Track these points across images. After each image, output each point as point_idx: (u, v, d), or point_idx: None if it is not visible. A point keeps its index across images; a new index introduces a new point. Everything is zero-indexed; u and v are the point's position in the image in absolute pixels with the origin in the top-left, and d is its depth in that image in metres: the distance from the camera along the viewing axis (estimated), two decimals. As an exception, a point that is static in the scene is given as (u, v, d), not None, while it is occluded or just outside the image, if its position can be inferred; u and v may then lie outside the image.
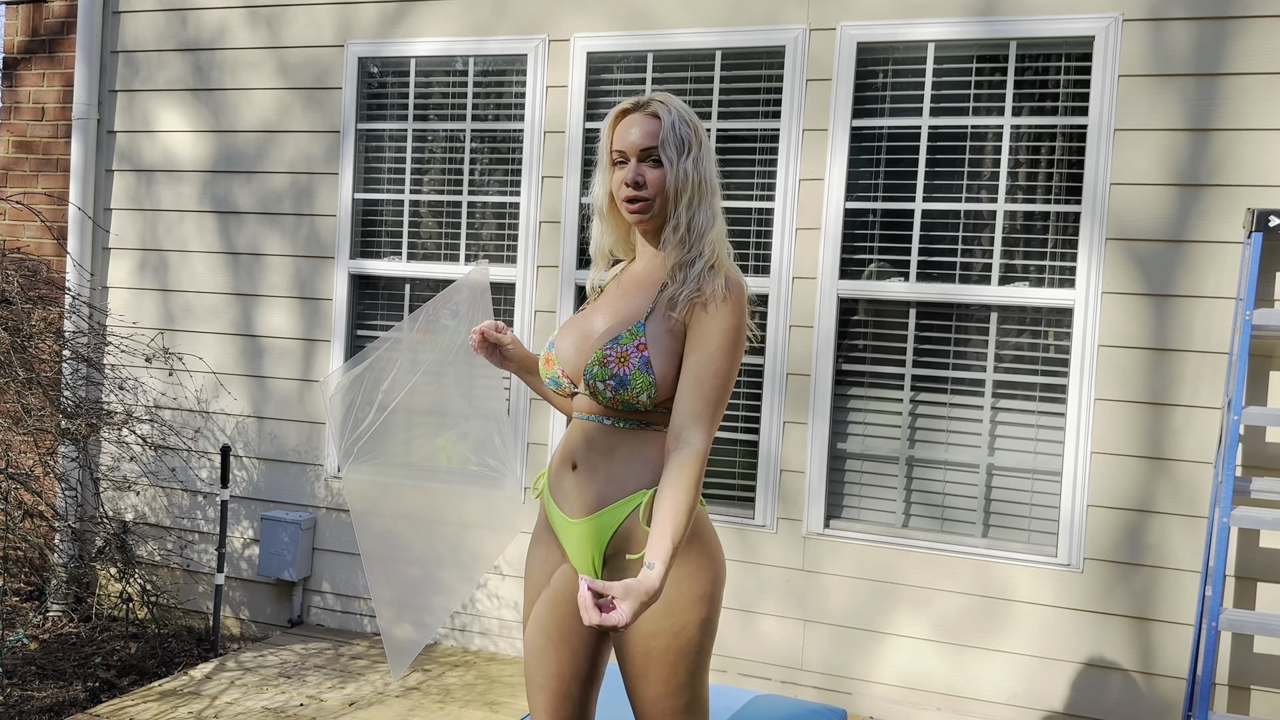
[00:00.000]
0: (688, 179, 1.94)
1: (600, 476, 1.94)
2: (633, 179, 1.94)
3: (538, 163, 4.07)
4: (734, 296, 1.92)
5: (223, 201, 4.54)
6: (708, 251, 1.95)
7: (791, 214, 3.75)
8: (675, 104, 1.97)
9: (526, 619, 2.08)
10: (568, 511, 1.97)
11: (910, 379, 3.68)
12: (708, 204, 1.97)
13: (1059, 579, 3.50)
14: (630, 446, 1.94)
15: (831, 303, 3.71)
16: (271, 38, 4.44)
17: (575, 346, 2.00)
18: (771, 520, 3.79)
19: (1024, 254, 3.58)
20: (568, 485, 1.97)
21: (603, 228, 2.07)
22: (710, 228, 1.96)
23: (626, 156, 1.96)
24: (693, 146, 1.95)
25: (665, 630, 1.89)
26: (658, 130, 1.94)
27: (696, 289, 1.91)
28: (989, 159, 3.62)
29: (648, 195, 1.95)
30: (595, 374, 1.90)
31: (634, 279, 2.05)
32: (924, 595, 3.63)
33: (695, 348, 1.90)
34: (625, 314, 1.98)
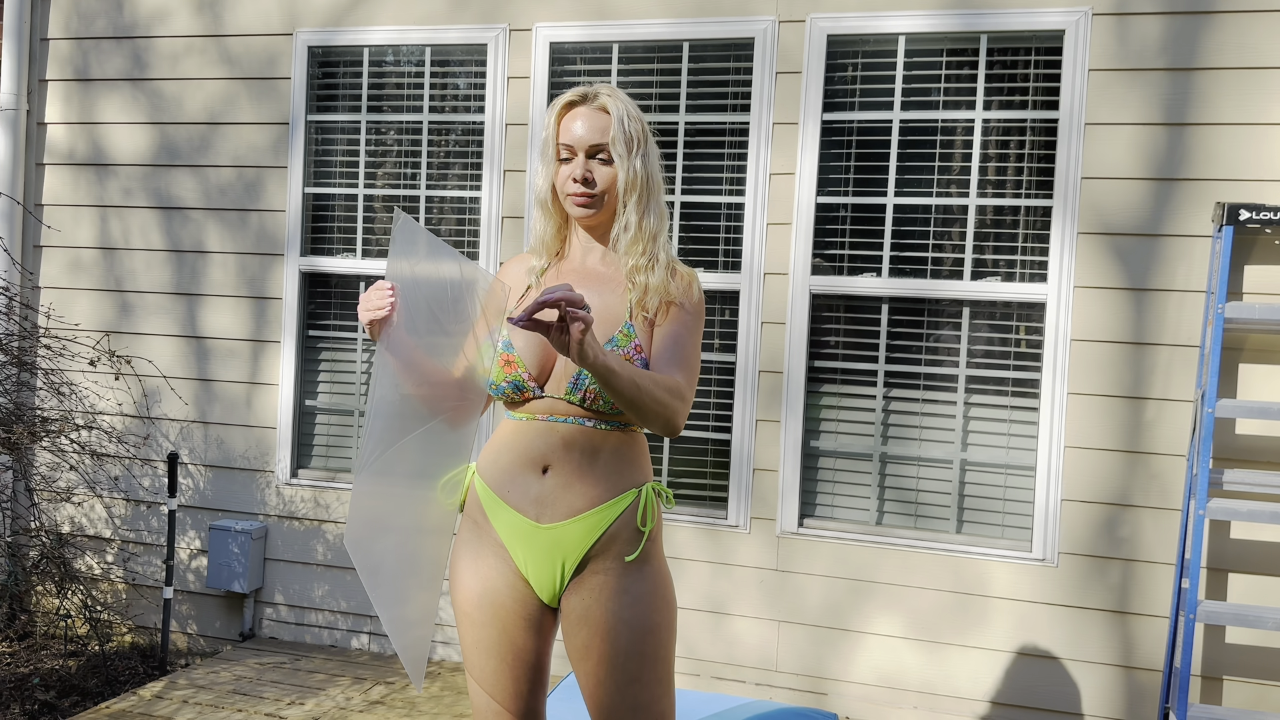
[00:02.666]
0: (637, 177, 1.91)
1: (587, 478, 1.86)
2: (582, 176, 1.90)
3: (499, 156, 3.95)
4: (700, 298, 1.97)
5: (164, 196, 4.34)
6: (662, 255, 1.94)
7: (762, 209, 3.69)
8: (622, 97, 1.94)
9: (468, 646, 1.95)
10: (536, 517, 1.87)
11: (883, 375, 3.65)
12: (655, 201, 1.95)
13: (1034, 574, 3.49)
14: (615, 448, 1.89)
15: (804, 299, 3.65)
16: (215, 24, 4.24)
17: (539, 344, 1.90)
18: (744, 520, 3.73)
19: (996, 248, 3.57)
20: (537, 490, 1.87)
21: (544, 219, 2.01)
22: (661, 228, 1.95)
23: (574, 151, 1.91)
24: (640, 143, 1.92)
25: (660, 626, 1.86)
26: (607, 126, 1.90)
27: (664, 290, 1.91)
28: (960, 153, 3.60)
29: (596, 192, 1.91)
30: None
31: (585, 272, 1.98)
32: (899, 593, 3.60)
33: (670, 325, 1.90)
34: (600, 312, 1.90)
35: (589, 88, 1.94)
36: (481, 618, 1.92)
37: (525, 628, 1.92)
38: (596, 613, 1.85)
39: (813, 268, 3.66)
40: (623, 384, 1.72)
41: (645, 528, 1.86)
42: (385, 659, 4.06)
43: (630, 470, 1.89)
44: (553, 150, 1.95)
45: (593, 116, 1.91)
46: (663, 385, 1.79)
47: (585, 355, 1.65)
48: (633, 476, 1.90)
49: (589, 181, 1.90)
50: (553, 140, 1.95)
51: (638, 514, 1.87)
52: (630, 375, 1.73)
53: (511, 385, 1.90)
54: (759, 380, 3.71)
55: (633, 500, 1.87)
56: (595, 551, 1.86)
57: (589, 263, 1.99)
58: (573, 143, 1.91)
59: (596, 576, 1.86)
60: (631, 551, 1.86)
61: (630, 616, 1.84)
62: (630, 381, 1.73)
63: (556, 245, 2.03)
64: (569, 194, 1.92)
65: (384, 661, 4.03)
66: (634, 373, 1.74)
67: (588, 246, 2.00)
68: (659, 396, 1.77)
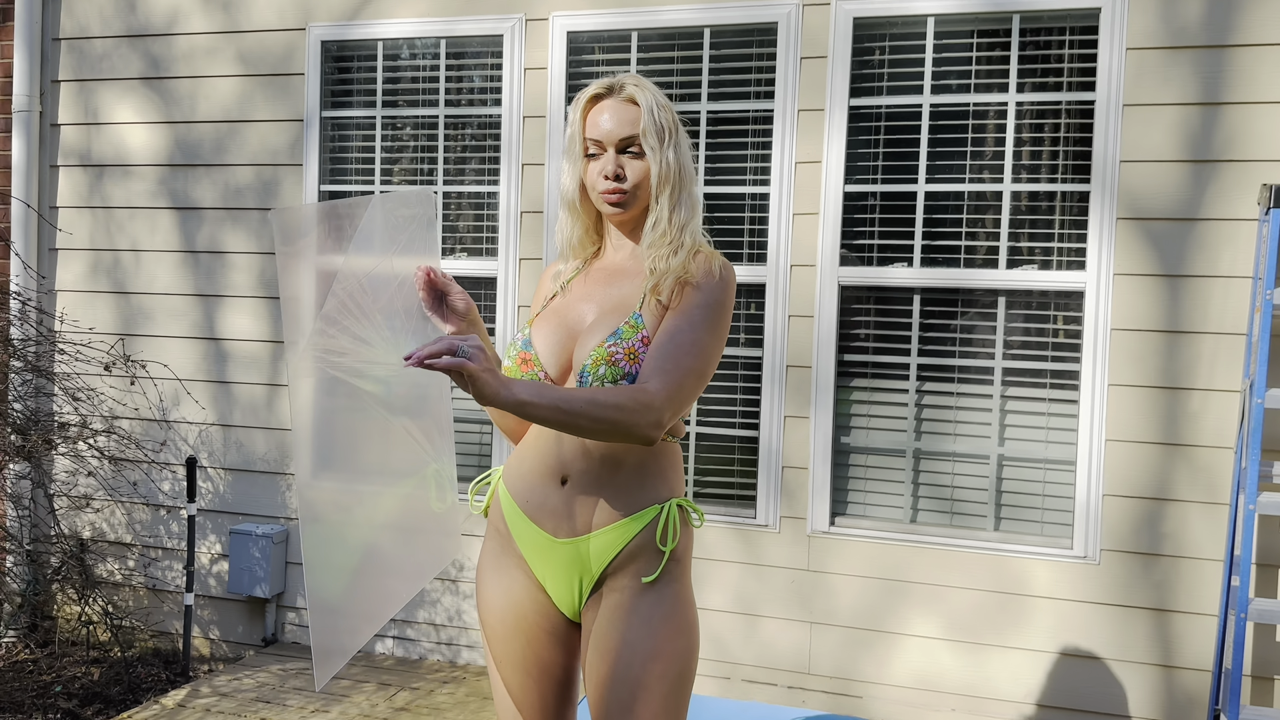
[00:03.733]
0: (669, 169, 1.80)
1: (606, 491, 1.76)
2: (614, 172, 1.79)
3: (517, 149, 3.86)
4: (724, 276, 1.80)
5: (181, 197, 4.28)
6: (689, 241, 1.82)
7: (788, 198, 3.58)
8: (649, 87, 1.83)
9: (494, 660, 1.88)
10: (553, 530, 1.78)
11: (916, 368, 3.54)
12: (688, 194, 1.84)
13: (1075, 572, 3.38)
14: (640, 457, 1.77)
15: (832, 291, 3.55)
16: (228, 21, 4.18)
17: (559, 344, 1.81)
18: (774, 519, 3.63)
19: (1032, 236, 3.45)
20: (554, 502, 1.78)
21: (571, 220, 1.90)
22: (691, 219, 1.84)
23: (603, 147, 1.81)
24: (671, 133, 1.81)
25: (668, 653, 1.73)
26: (637, 118, 1.79)
27: (682, 269, 1.78)
28: (993, 138, 3.48)
29: (627, 187, 1.80)
30: (603, 374, 1.71)
31: (611, 268, 1.88)
32: (935, 593, 3.49)
33: (674, 315, 1.76)
34: (615, 303, 1.81)
35: (614, 79, 1.84)
36: (506, 632, 1.84)
37: (550, 642, 1.83)
38: (606, 633, 1.75)
39: (841, 259, 3.55)
40: (544, 412, 1.59)
41: (665, 547, 1.75)
42: (410, 663, 4.00)
43: (655, 483, 1.78)
44: (580, 146, 1.84)
45: (621, 109, 1.81)
46: (609, 401, 1.62)
47: (485, 397, 1.53)
48: (656, 490, 1.78)
49: (621, 177, 1.80)
50: (579, 136, 1.84)
51: (658, 530, 1.75)
52: (553, 401, 1.59)
53: None
54: (787, 375, 3.61)
55: (654, 516, 1.76)
56: (613, 569, 1.76)
57: (617, 259, 1.89)
58: (601, 137, 1.81)
59: (612, 595, 1.76)
60: (650, 570, 1.75)
61: (636, 640, 1.72)
62: (552, 408, 1.59)
63: (589, 245, 1.93)
64: (600, 191, 1.82)
65: (408, 666, 3.96)
66: (560, 398, 1.60)
67: (618, 244, 1.90)
68: (602, 414, 1.61)
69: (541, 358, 1.80)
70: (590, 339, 1.77)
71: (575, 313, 1.84)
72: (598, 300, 1.84)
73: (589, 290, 1.86)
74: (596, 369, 1.72)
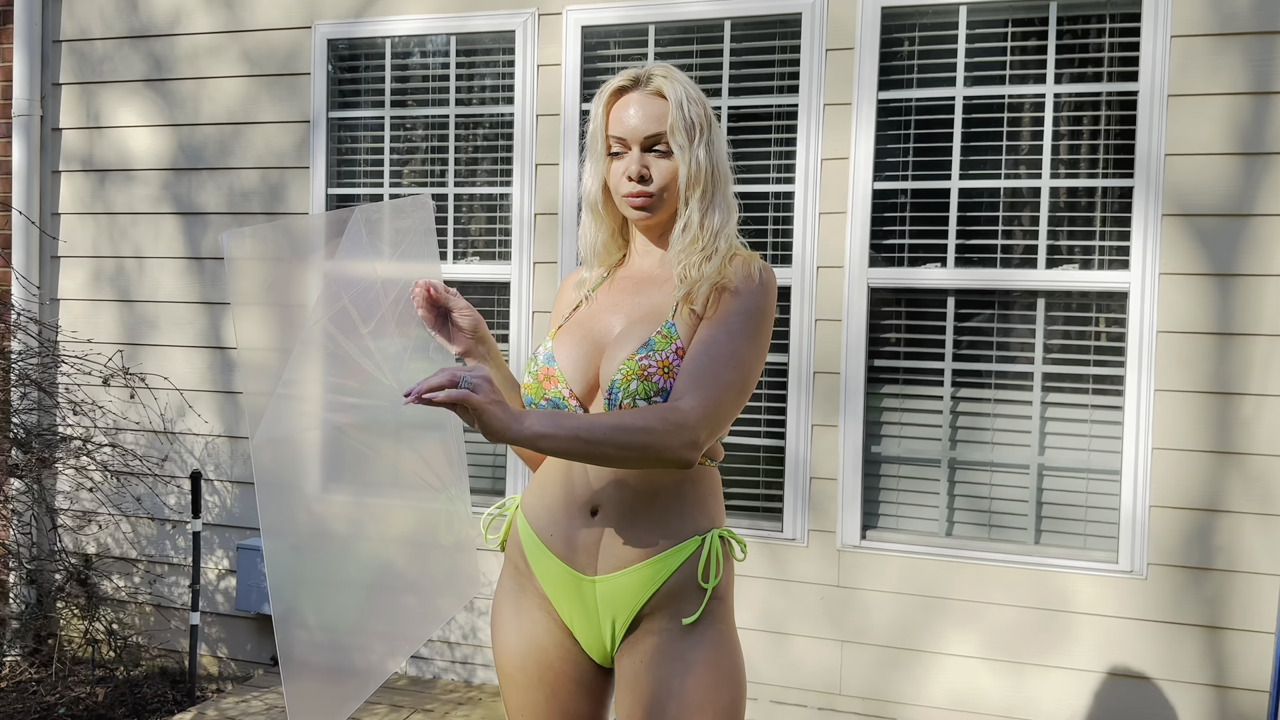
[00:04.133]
0: (700, 169, 1.63)
1: (642, 522, 1.59)
2: (638, 172, 1.63)
3: (530, 149, 3.72)
4: (764, 280, 1.62)
5: (185, 202, 4.15)
6: (723, 246, 1.65)
7: (814, 197, 3.42)
8: (680, 77, 1.65)
9: (512, 711, 1.71)
10: (581, 567, 1.61)
11: (950, 374, 3.37)
12: (722, 195, 1.66)
13: (1121, 587, 3.20)
14: (678, 485, 1.61)
15: (861, 293, 3.38)
16: (232, 20, 4.05)
17: (584, 357, 1.64)
18: (802, 533, 3.47)
19: (1072, 234, 3.28)
20: (583, 535, 1.61)
21: (595, 224, 1.74)
22: (726, 224, 1.66)
23: (627, 145, 1.64)
24: (704, 129, 1.64)
25: (715, 705, 1.56)
26: (665, 113, 1.63)
27: (717, 274, 1.61)
28: (1030, 131, 3.32)
29: (654, 190, 1.63)
30: (635, 390, 1.55)
31: (638, 276, 1.72)
32: (973, 609, 3.32)
33: (711, 324, 1.58)
34: (644, 313, 1.64)
35: (640, 69, 1.68)
36: (527, 680, 1.67)
37: (577, 691, 1.67)
38: (644, 680, 1.58)
39: (871, 259, 3.39)
40: (564, 445, 1.44)
41: (708, 584, 1.58)
42: (424, 684, 3.85)
43: (694, 513, 1.62)
44: (602, 144, 1.68)
45: (647, 103, 1.64)
46: (637, 424, 1.46)
47: (493, 433, 1.39)
48: (696, 520, 1.62)
49: (645, 178, 1.64)
50: (601, 133, 1.68)
51: (700, 566, 1.59)
52: (573, 431, 1.44)
53: (551, 404, 1.64)
54: (814, 382, 3.45)
55: (695, 550, 1.60)
56: (649, 609, 1.60)
57: (645, 266, 1.73)
58: (625, 135, 1.64)
59: (649, 638, 1.59)
60: (691, 611, 1.58)
61: (680, 689, 1.56)
62: (572, 438, 1.43)
63: (614, 252, 1.77)
64: (624, 194, 1.66)
65: (422, 687, 3.82)
66: (580, 426, 1.44)
67: (646, 250, 1.74)
68: (629, 440, 1.45)
69: (565, 373, 1.64)
70: (619, 351, 1.61)
71: (602, 324, 1.68)
72: (626, 310, 1.68)
73: (616, 299, 1.71)
74: (627, 384, 1.55)
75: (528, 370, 1.70)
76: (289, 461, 1.49)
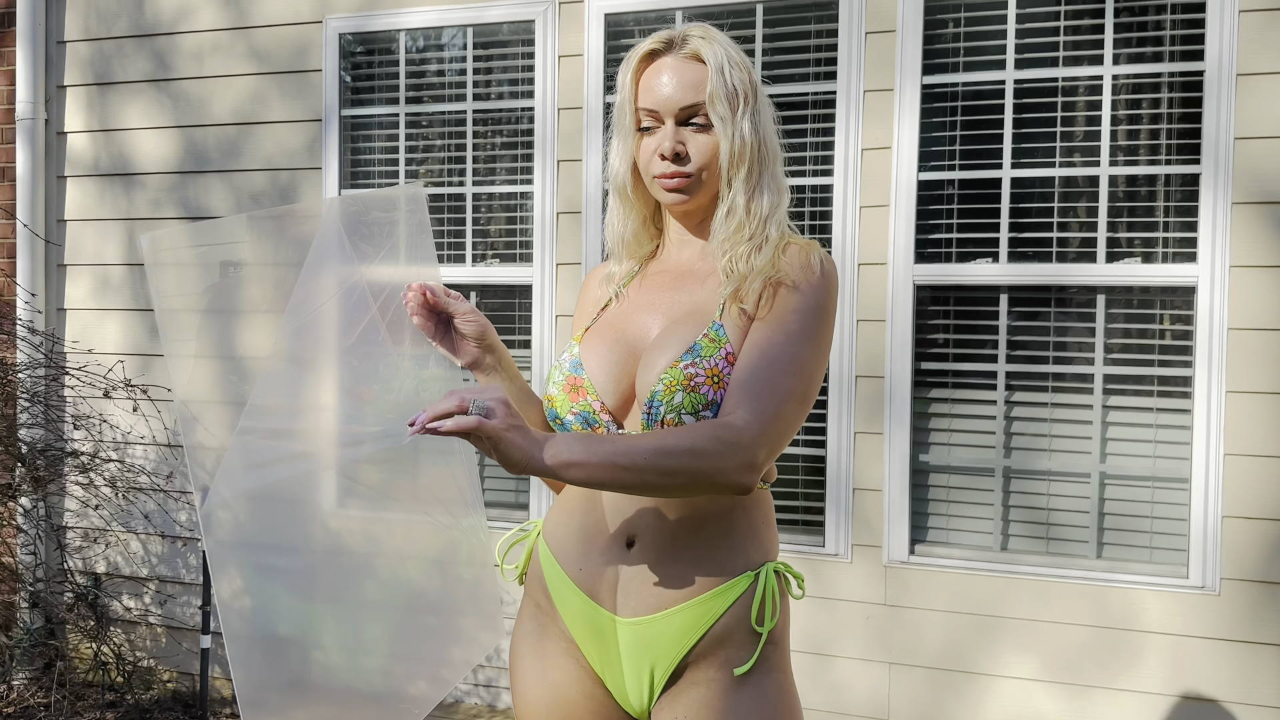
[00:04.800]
0: (745, 145, 1.41)
1: (685, 555, 1.38)
2: (672, 149, 1.41)
3: (552, 145, 3.53)
4: (826, 271, 1.40)
5: (193, 206, 3.99)
6: (774, 234, 1.43)
7: (854, 190, 3.22)
8: (721, 38, 1.43)
9: None
10: (615, 607, 1.40)
11: (1004, 376, 3.15)
12: (770, 175, 1.44)
13: (1192, 604, 2.98)
14: (725, 513, 1.39)
15: (906, 291, 3.17)
16: (240, 16, 3.88)
17: (618, 364, 1.43)
18: (845, 548, 3.26)
19: (1132, 225, 3.06)
20: (617, 570, 1.40)
21: (624, 210, 1.53)
22: (776, 208, 1.44)
23: (659, 118, 1.43)
24: (749, 97, 1.42)
25: None
26: (703, 79, 1.41)
27: (770, 267, 1.39)
28: (1086, 116, 3.10)
29: (691, 170, 1.42)
30: (680, 404, 1.33)
31: (676, 269, 1.50)
32: (1031, 629, 3.10)
33: (765, 325, 1.36)
34: (685, 311, 1.43)
35: (674, 31, 1.46)
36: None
37: None
38: None
39: (916, 255, 3.18)
40: (598, 473, 1.24)
41: (763, 628, 1.37)
42: (446, 707, 3.66)
43: (746, 544, 1.40)
44: (630, 118, 1.47)
45: (682, 68, 1.42)
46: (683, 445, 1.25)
47: (513, 463, 1.21)
48: (748, 554, 1.40)
49: (681, 156, 1.42)
50: (630, 104, 1.46)
51: (753, 607, 1.37)
52: (607, 457, 1.24)
53: (580, 419, 1.44)
54: (856, 387, 3.24)
55: (747, 588, 1.38)
56: (695, 657, 1.38)
57: (683, 258, 1.52)
58: (657, 106, 1.43)
59: (696, 689, 1.38)
60: (744, 659, 1.37)
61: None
62: (608, 465, 1.24)
63: (646, 242, 1.55)
64: (656, 175, 1.44)
65: (444, 710, 3.63)
66: (616, 451, 1.24)
67: (682, 240, 1.52)
68: (675, 464, 1.25)
69: (596, 383, 1.43)
70: (658, 357, 1.39)
71: (636, 325, 1.47)
72: (663, 309, 1.46)
73: (651, 297, 1.49)
74: (670, 396, 1.34)
75: (551, 380, 1.49)
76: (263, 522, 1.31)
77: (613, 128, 1.53)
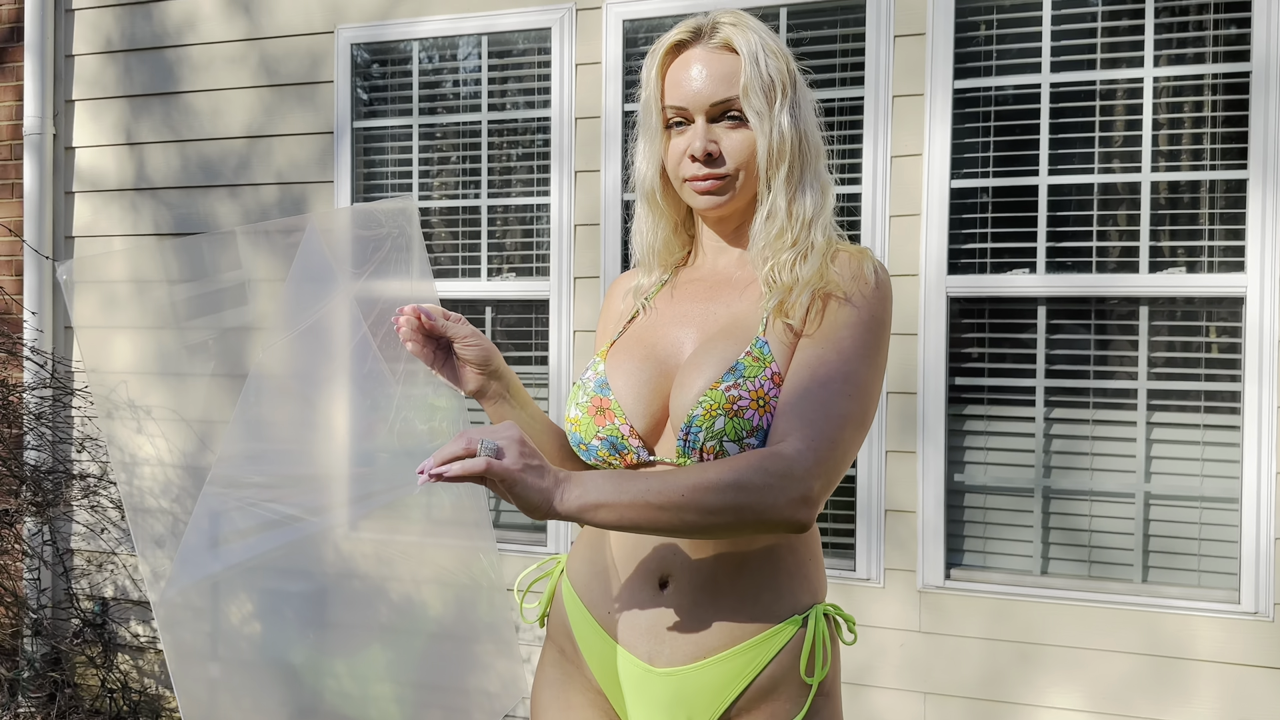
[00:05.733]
0: (785, 140, 1.29)
1: (726, 598, 1.25)
2: (704, 149, 1.29)
3: (569, 155, 3.43)
4: (880, 281, 1.28)
5: (204, 221, 3.90)
6: (820, 240, 1.30)
7: (884, 198, 3.10)
8: (754, 25, 1.32)
9: None
10: (648, 655, 1.27)
11: (1042, 392, 3.02)
12: (813, 174, 1.32)
13: (1244, 630, 2.83)
14: (769, 551, 1.26)
15: (940, 304, 3.05)
16: (250, 27, 3.80)
17: (648, 383, 1.30)
18: (878, 573, 3.12)
19: (1176, 233, 2.93)
20: (650, 614, 1.27)
21: (652, 218, 1.41)
22: (821, 210, 1.32)
23: (689, 115, 1.31)
24: (787, 88, 1.31)
25: None
26: (736, 71, 1.29)
27: (818, 278, 1.26)
28: (1126, 120, 2.98)
29: (726, 171, 1.30)
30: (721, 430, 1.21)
31: (711, 279, 1.37)
32: (1074, 656, 2.96)
33: (816, 342, 1.23)
34: (723, 325, 1.30)
35: (703, 19, 1.35)
36: None
37: None
38: None
39: (950, 266, 3.06)
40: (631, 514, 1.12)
41: (813, 679, 1.25)
42: (461, 738, 3.54)
43: (793, 585, 1.27)
44: (657, 116, 1.35)
45: (713, 60, 1.31)
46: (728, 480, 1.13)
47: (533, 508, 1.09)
48: (795, 595, 1.27)
49: (714, 157, 1.30)
50: (656, 102, 1.35)
51: (802, 656, 1.24)
52: (640, 496, 1.12)
53: (606, 444, 1.31)
54: (888, 403, 3.11)
55: (795, 634, 1.25)
56: (738, 711, 1.25)
57: (719, 266, 1.40)
58: (685, 102, 1.31)
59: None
60: (792, 713, 1.25)
61: None
62: (640, 504, 1.12)
63: (677, 250, 1.43)
64: (686, 178, 1.33)
65: (460, 741, 3.51)
66: (650, 489, 1.12)
67: (718, 247, 1.40)
68: (719, 501, 1.13)
69: (623, 404, 1.30)
70: (695, 377, 1.27)
71: (667, 339, 1.35)
72: (697, 321, 1.34)
73: (683, 308, 1.37)
74: (710, 421, 1.22)
75: (574, 401, 1.36)
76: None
77: (638, 128, 1.42)
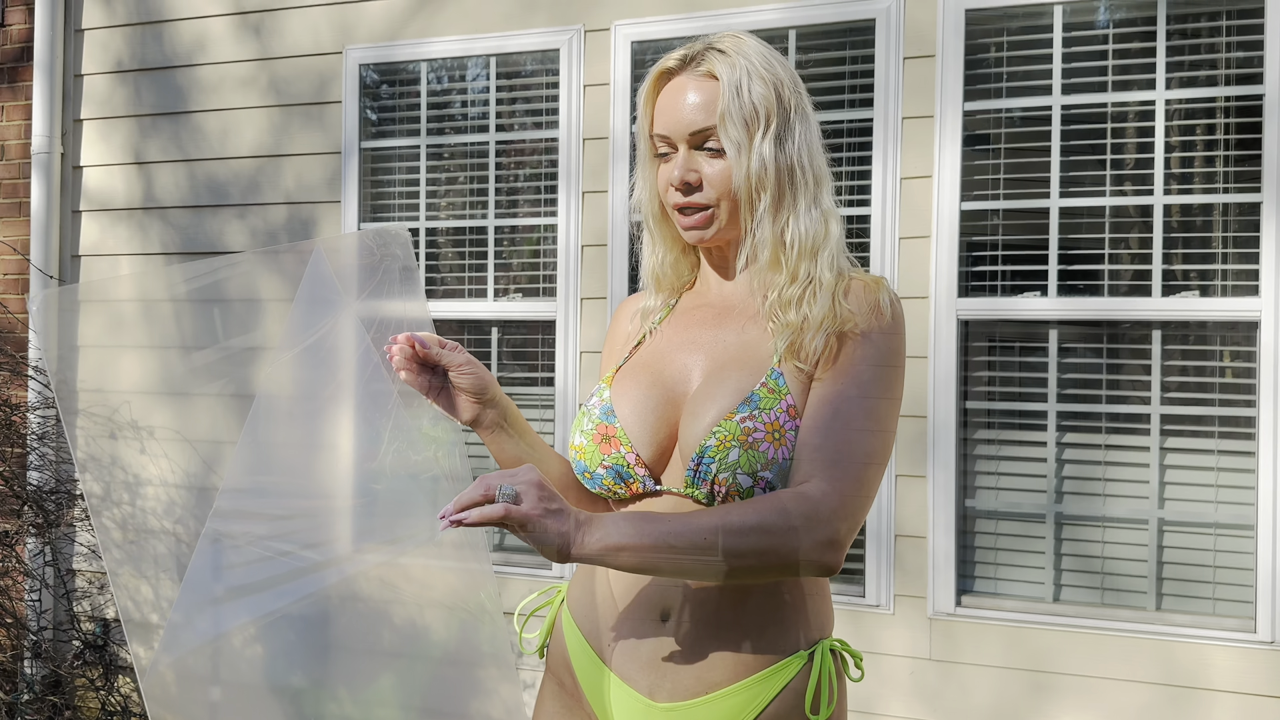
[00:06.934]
0: (766, 170, 1.26)
1: (729, 631, 1.22)
2: (681, 179, 1.27)
3: (576, 176, 3.42)
4: (895, 313, 1.27)
5: (212, 241, 3.90)
6: (828, 274, 1.27)
7: (893, 220, 3.08)
8: (747, 50, 1.29)
9: None
10: (648, 690, 1.24)
11: (1054, 416, 2.99)
12: (808, 201, 1.28)
13: (1262, 660, 2.78)
14: (776, 581, 1.23)
15: (950, 326, 3.02)
16: (260, 48, 3.81)
17: (654, 411, 1.28)
18: (887, 599, 3.08)
19: (1188, 256, 2.91)
20: (651, 647, 1.24)
21: (653, 243, 1.39)
22: (824, 241, 1.28)
23: (673, 143, 1.29)
24: (771, 116, 1.27)
25: None
26: (714, 98, 1.26)
27: (831, 318, 1.24)
28: (1137, 142, 2.96)
29: (707, 200, 1.28)
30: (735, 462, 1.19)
31: (717, 304, 1.35)
32: (1087, 686, 2.91)
33: (834, 378, 1.22)
34: (733, 354, 1.28)
35: (699, 43, 1.33)
36: None
37: None
38: None
39: (960, 288, 3.03)
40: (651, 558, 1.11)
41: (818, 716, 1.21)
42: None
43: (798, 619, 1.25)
44: (646, 144, 1.35)
45: (696, 87, 1.29)
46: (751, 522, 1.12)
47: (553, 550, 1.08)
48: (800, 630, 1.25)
49: (693, 187, 1.29)
50: (646, 129, 1.34)
51: (808, 693, 1.21)
52: (661, 538, 1.11)
53: (612, 473, 1.29)
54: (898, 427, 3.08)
55: (800, 669, 1.23)
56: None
57: (725, 292, 1.38)
58: (668, 131, 1.30)
59: None
60: None
61: None
62: (662, 547, 1.10)
63: (685, 273, 1.41)
64: (673, 206, 1.32)
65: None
66: (671, 532, 1.11)
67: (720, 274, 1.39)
68: (742, 544, 1.12)
69: (630, 432, 1.28)
70: (707, 407, 1.24)
71: (675, 366, 1.32)
72: (705, 348, 1.32)
73: (690, 334, 1.35)
74: (724, 453, 1.19)
75: (579, 428, 1.33)
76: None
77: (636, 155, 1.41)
